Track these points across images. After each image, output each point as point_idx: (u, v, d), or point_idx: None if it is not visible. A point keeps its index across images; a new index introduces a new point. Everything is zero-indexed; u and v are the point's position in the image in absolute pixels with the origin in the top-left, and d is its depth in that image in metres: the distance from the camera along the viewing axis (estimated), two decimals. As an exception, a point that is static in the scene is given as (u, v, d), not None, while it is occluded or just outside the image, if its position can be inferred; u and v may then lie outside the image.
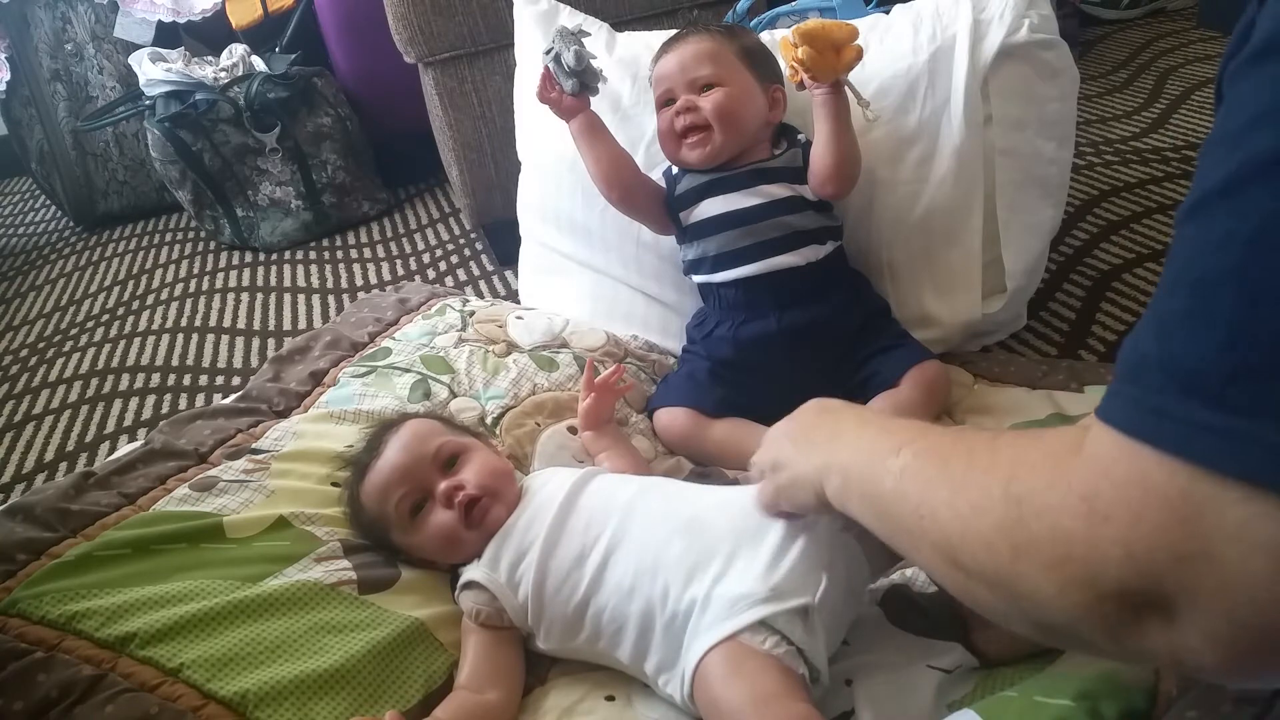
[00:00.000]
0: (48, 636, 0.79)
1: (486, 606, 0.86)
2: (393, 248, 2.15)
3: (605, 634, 0.83)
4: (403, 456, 0.91)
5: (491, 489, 0.89)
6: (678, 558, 0.80)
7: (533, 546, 0.86)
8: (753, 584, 0.77)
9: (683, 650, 0.78)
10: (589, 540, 0.84)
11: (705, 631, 0.76)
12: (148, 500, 0.95)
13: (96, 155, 2.50)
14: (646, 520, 0.85)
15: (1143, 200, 1.77)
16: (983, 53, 1.24)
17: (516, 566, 0.86)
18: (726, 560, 0.79)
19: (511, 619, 0.86)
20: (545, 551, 0.85)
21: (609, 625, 0.82)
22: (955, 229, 1.26)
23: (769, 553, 0.79)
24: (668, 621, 0.79)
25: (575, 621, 0.84)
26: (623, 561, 0.82)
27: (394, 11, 1.69)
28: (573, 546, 0.85)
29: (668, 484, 0.93)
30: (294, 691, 0.77)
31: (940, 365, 1.18)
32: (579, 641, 0.84)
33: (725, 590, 0.77)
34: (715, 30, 1.23)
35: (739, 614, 0.75)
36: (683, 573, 0.79)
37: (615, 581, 0.82)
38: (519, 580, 0.86)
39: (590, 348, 1.25)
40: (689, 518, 0.84)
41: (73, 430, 1.61)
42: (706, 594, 0.77)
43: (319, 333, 1.28)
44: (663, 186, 1.25)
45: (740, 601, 0.76)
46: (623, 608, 0.81)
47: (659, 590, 0.80)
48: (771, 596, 0.76)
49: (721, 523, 0.83)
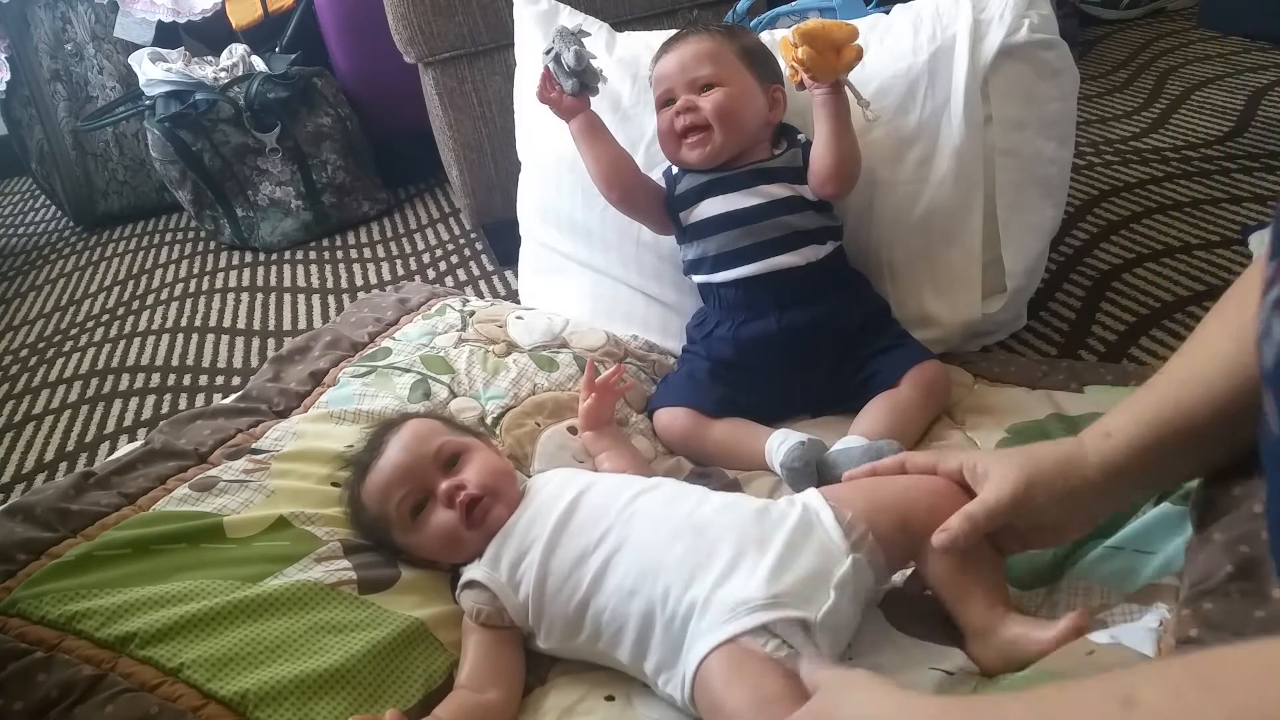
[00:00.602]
0: (48, 636, 0.79)
1: (487, 606, 0.86)
2: (393, 248, 2.15)
3: (605, 634, 0.82)
4: (404, 456, 0.91)
5: (493, 489, 0.89)
6: (679, 559, 0.80)
7: (534, 546, 0.86)
8: (755, 589, 0.76)
9: (683, 652, 0.77)
10: (591, 540, 0.84)
11: (706, 634, 0.76)
12: (148, 500, 0.95)
13: (96, 155, 2.50)
14: (649, 521, 0.85)
15: (1143, 200, 1.77)
16: (983, 53, 1.24)
17: (518, 566, 0.86)
18: (729, 564, 0.79)
19: (512, 618, 0.86)
20: (547, 551, 0.85)
21: (609, 625, 0.82)
22: (955, 229, 1.26)
23: (773, 559, 0.78)
24: (667, 622, 0.79)
25: (576, 621, 0.84)
26: (624, 562, 0.82)
27: (394, 11, 1.69)
28: (574, 547, 0.85)
29: (670, 485, 0.93)
30: (294, 691, 0.77)
31: (940, 365, 1.18)
32: (579, 641, 0.84)
33: (726, 594, 0.77)
34: (715, 30, 1.23)
35: (740, 618, 0.75)
36: (684, 574, 0.79)
37: (616, 582, 0.82)
38: (520, 579, 0.86)
39: (590, 348, 1.25)
40: (692, 520, 0.84)
41: (73, 430, 1.61)
42: (707, 597, 0.77)
43: (319, 333, 1.28)
44: (663, 186, 1.25)
45: (741, 606, 0.75)
46: (623, 608, 0.81)
47: (660, 591, 0.79)
48: (773, 604, 0.75)
49: (725, 526, 0.82)
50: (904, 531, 0.82)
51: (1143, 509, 0.88)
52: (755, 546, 0.80)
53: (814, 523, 0.83)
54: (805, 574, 0.78)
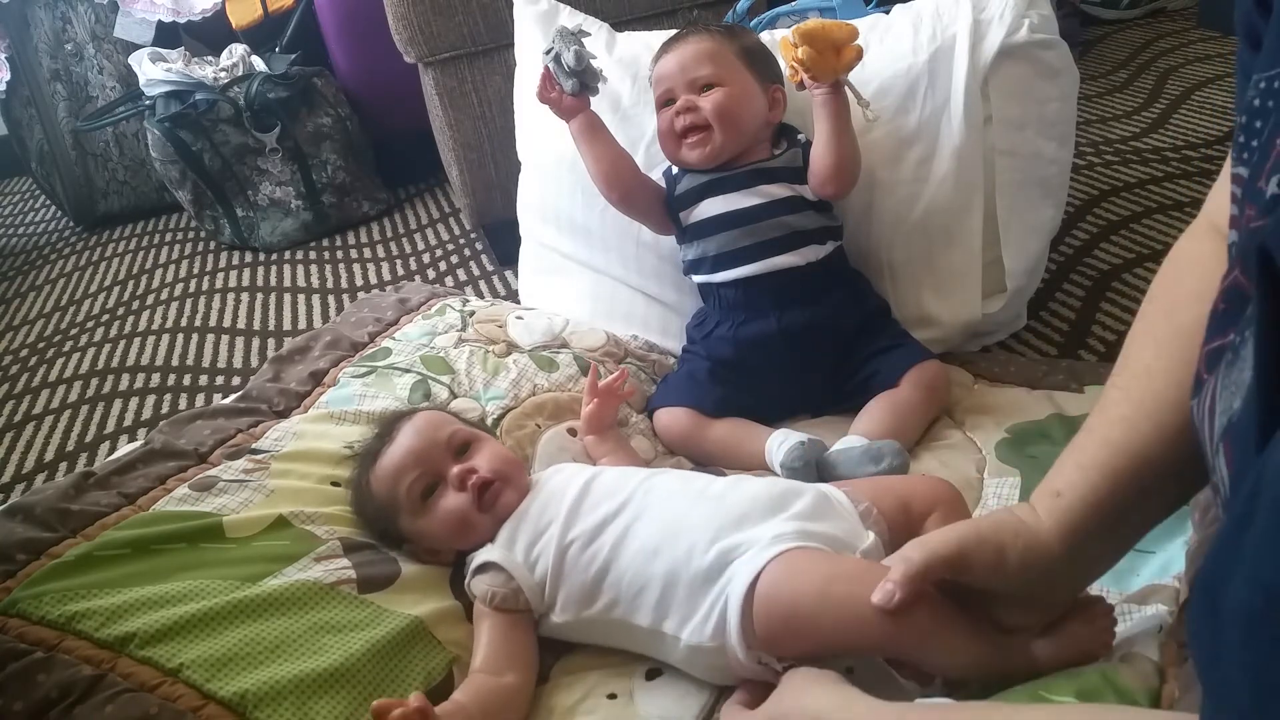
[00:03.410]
0: (48, 636, 0.79)
1: (502, 588, 0.87)
2: (393, 248, 2.15)
3: (625, 598, 0.83)
4: (417, 440, 0.93)
5: (504, 474, 0.91)
6: (703, 520, 0.82)
7: (551, 525, 0.87)
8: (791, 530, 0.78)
9: (715, 590, 0.78)
10: (610, 510, 0.86)
11: (752, 560, 0.77)
12: (148, 500, 0.94)
13: (96, 155, 2.50)
14: (666, 493, 0.87)
15: (1143, 200, 1.77)
16: (983, 53, 1.24)
17: (534, 545, 0.87)
18: (755, 522, 0.81)
19: (528, 598, 0.87)
20: (564, 527, 0.86)
21: (629, 588, 0.82)
22: (955, 229, 1.26)
23: (801, 513, 0.81)
24: (694, 576, 0.80)
25: (594, 588, 0.84)
26: (645, 529, 0.84)
27: (394, 11, 1.69)
28: (594, 517, 0.86)
29: (680, 471, 0.96)
30: (293, 691, 0.77)
31: (940, 365, 1.18)
32: (595, 609, 0.85)
33: (761, 534, 0.79)
34: (715, 30, 1.23)
35: (785, 541, 0.77)
36: (709, 533, 0.81)
37: (638, 546, 0.83)
38: (536, 558, 0.87)
39: (590, 348, 1.25)
40: (708, 493, 0.87)
41: (73, 430, 1.61)
42: (738, 543, 0.79)
43: (319, 333, 1.28)
44: (663, 186, 1.25)
45: (782, 536, 0.78)
46: (646, 569, 0.82)
47: (683, 549, 0.81)
48: (813, 537, 0.78)
49: (743, 495, 0.85)
50: (905, 513, 0.84)
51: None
52: (778, 508, 0.82)
53: (830, 498, 0.85)
54: (833, 535, 0.80)
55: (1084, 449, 0.66)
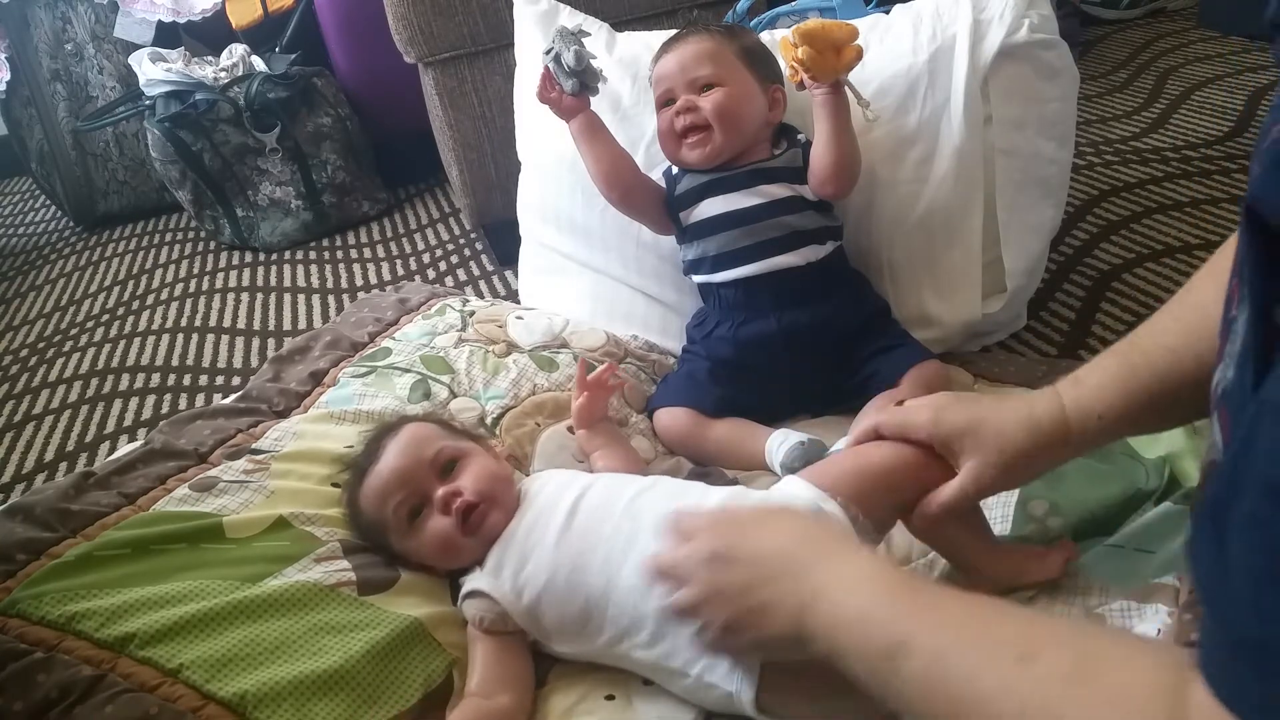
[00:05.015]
0: (47, 637, 0.79)
1: (489, 613, 0.86)
2: (393, 248, 2.15)
3: (623, 635, 0.81)
4: (400, 461, 0.90)
5: (489, 495, 0.89)
6: None
7: (535, 551, 0.85)
8: None
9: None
10: (596, 542, 0.84)
11: None
12: (148, 500, 0.94)
13: (96, 155, 2.50)
14: (655, 516, 0.83)
15: (1143, 200, 1.77)
16: (983, 53, 1.24)
17: (519, 573, 0.86)
18: None
19: (517, 624, 0.86)
20: (550, 557, 0.84)
21: (627, 628, 0.81)
22: (955, 229, 1.26)
23: None
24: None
25: (583, 624, 0.83)
26: (634, 563, 0.81)
27: (394, 11, 1.69)
28: (579, 549, 0.84)
29: (669, 483, 0.93)
30: (293, 692, 0.77)
31: (940, 365, 1.18)
32: (596, 646, 0.83)
33: None
34: (715, 30, 1.23)
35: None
36: None
37: (628, 585, 0.81)
38: (523, 587, 0.85)
39: (590, 348, 1.25)
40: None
41: (73, 430, 1.61)
42: None
43: (319, 333, 1.28)
44: (663, 186, 1.25)
45: None
46: (640, 607, 0.80)
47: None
48: None
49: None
50: (891, 493, 0.84)
51: (1143, 508, 0.88)
52: None
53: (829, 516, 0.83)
54: None
55: (1136, 377, 0.72)
